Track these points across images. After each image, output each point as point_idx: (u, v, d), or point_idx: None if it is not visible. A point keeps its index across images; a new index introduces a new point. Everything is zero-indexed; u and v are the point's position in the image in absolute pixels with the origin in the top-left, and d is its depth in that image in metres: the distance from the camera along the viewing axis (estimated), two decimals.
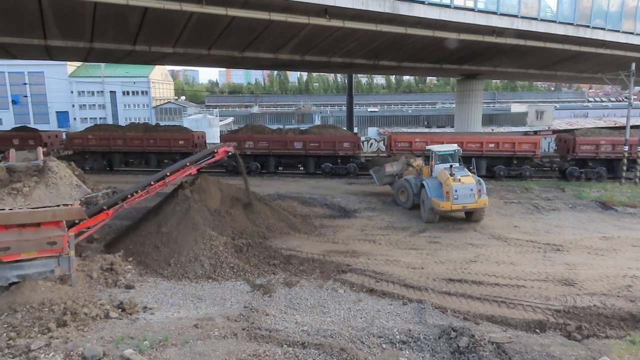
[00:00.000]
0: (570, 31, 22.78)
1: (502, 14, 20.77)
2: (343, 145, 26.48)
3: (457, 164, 17.78)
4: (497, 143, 25.50)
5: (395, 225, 17.00)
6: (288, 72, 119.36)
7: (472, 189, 16.31)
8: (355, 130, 43.81)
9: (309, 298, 10.58)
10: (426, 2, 18.67)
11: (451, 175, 16.55)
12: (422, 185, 17.72)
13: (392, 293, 10.73)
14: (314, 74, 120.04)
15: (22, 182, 11.02)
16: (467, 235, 15.80)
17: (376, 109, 77.53)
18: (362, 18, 18.35)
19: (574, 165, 25.56)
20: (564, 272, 12.20)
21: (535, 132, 40.98)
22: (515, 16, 21.10)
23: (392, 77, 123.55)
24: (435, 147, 18.37)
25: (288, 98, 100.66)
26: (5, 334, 8.56)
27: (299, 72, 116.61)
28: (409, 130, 46.71)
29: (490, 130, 44.30)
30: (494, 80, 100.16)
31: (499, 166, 25.60)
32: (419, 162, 20.11)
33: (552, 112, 57.97)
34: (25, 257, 10.07)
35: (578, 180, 25.01)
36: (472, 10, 19.98)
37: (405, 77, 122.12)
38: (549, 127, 48.80)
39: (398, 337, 8.69)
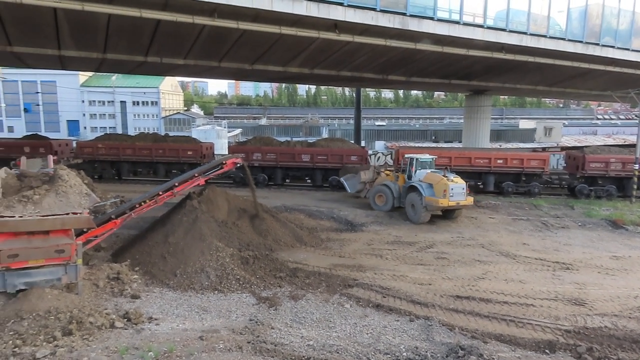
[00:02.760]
0: (579, 49, 22.79)
1: (511, 31, 20.84)
2: (350, 159, 26.50)
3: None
4: (505, 159, 25.38)
5: (402, 240, 16.90)
6: (297, 85, 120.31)
7: (463, 188, 18.79)
8: (363, 143, 43.89)
9: (314, 312, 10.49)
10: (435, 18, 18.80)
11: (445, 176, 18.64)
12: (410, 189, 19.57)
13: (399, 309, 10.62)
14: (323, 87, 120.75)
15: (32, 189, 11.12)
16: (474, 252, 15.67)
17: (384, 123, 77.71)
18: (371, 33, 18.49)
19: (583, 182, 25.36)
20: (573, 292, 12.02)
21: (544, 149, 40.76)
22: (525, 33, 21.16)
23: (400, 92, 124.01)
24: (416, 155, 20.58)
25: (296, 110, 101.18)
26: (11, 342, 8.55)
27: (307, 85, 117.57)
28: (417, 144, 46.66)
29: (498, 146, 44.17)
30: (502, 96, 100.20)
31: (507, 182, 25.45)
32: (387, 170, 22.53)
33: (561, 129, 57.77)
34: (33, 264, 10.10)
35: (587, 198, 24.79)
36: (481, 26, 20.07)
37: (414, 92, 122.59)
38: (557, 144, 48.58)
39: (405, 354, 8.57)
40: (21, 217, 10.15)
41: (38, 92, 72.82)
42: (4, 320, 9.22)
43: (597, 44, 23.28)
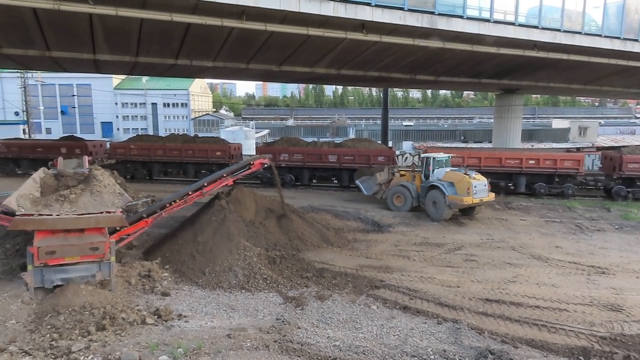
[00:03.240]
0: (616, 45, 21.97)
1: (544, 28, 20.28)
2: (377, 159, 26.34)
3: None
4: (537, 160, 24.70)
5: (430, 242, 16.70)
6: (324, 86, 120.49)
7: (485, 185, 19.35)
8: (390, 144, 43.58)
9: (341, 313, 10.49)
10: (465, 17, 18.49)
11: (466, 174, 19.13)
12: (430, 188, 19.75)
13: (427, 311, 10.50)
14: (350, 88, 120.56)
15: (69, 189, 11.51)
16: (505, 255, 15.32)
17: (411, 123, 76.98)
18: (399, 33, 18.34)
19: (621, 184, 24.43)
20: (609, 297, 11.60)
21: (578, 149, 39.49)
22: (558, 30, 20.55)
23: (429, 91, 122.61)
24: (433, 155, 20.78)
25: (323, 111, 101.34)
26: (48, 335, 8.90)
27: (334, 86, 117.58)
28: (445, 145, 45.98)
29: (530, 147, 43.08)
30: (534, 95, 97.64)
31: (539, 183, 24.77)
32: (402, 170, 22.79)
33: (596, 129, 55.80)
34: (69, 261, 10.48)
35: (625, 200, 23.85)
36: (512, 24, 19.62)
37: (442, 91, 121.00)
38: (592, 144, 46.96)
39: (432, 357, 8.46)
40: (58, 215, 10.52)
41: (74, 95, 75.44)
42: (42, 315, 9.62)
43: (636, 40, 22.38)
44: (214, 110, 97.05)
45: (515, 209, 22.08)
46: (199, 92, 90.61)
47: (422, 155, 21.34)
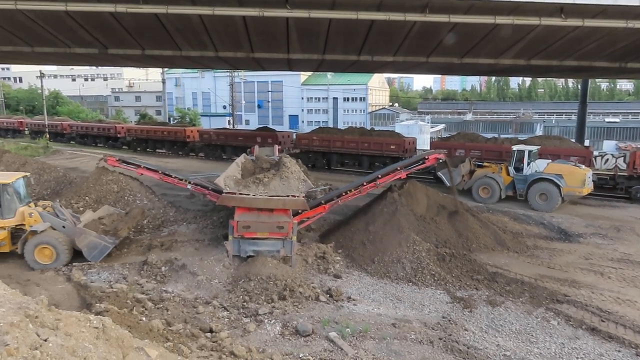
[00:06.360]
0: None
1: None
2: (569, 160, 23.29)
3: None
4: None
5: (632, 259, 14.20)
6: (508, 78, 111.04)
7: (591, 175, 20.13)
8: (587, 143, 38.04)
9: (514, 322, 9.77)
10: None
11: (576, 166, 19.96)
12: (535, 181, 19.78)
13: (622, 338, 9.04)
14: (540, 80, 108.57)
15: (263, 173, 13.18)
16: None
17: (617, 120, 65.72)
18: (607, 15, 15.76)
19: None
20: None
21: None
22: None
23: None
24: (527, 147, 21.24)
25: (506, 105, 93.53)
26: (241, 297, 10.45)
27: (521, 78, 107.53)
28: None
29: None
30: None
31: None
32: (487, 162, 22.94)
33: None
34: (260, 236, 12.03)
35: None
36: None
37: None
38: None
39: None
40: (254, 195, 12.16)
41: (269, 91, 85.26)
42: (237, 279, 11.30)
43: None
44: (390, 104, 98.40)
45: None
46: (377, 87, 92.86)
47: (514, 147, 21.55)
